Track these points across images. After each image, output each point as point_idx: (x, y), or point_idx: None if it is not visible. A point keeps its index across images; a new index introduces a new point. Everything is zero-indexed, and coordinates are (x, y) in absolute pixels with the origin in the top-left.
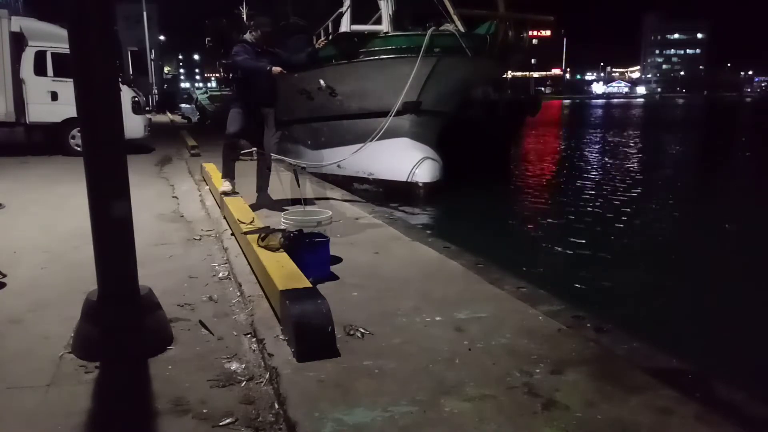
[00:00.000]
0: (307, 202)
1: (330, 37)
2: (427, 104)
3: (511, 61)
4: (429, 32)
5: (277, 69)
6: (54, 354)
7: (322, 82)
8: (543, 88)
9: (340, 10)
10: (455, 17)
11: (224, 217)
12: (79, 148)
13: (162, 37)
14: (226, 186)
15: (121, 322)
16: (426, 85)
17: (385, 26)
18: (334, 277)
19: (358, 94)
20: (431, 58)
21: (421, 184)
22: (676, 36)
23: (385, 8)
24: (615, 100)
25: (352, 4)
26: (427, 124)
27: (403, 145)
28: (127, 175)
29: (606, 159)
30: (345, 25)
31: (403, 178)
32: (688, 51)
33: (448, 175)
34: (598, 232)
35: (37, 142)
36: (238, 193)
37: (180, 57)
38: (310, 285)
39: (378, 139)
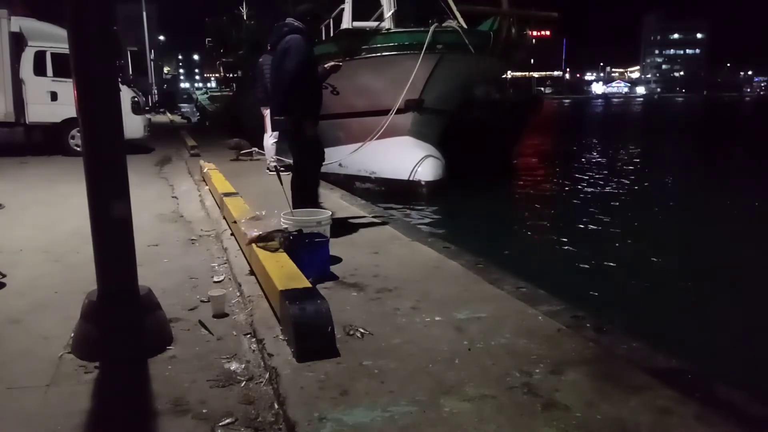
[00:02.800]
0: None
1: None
2: (429, 102)
3: (514, 59)
4: (431, 28)
5: (310, 125)
6: (54, 354)
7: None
8: (543, 89)
9: (342, 7)
10: (457, 13)
11: (224, 217)
12: (79, 148)
13: (162, 37)
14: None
15: (121, 322)
16: (428, 82)
17: (386, 23)
18: (333, 277)
19: (359, 91)
20: (434, 54)
21: (423, 183)
22: (676, 36)
23: (387, 4)
24: (615, 100)
25: (354, 1)
26: (430, 122)
27: (405, 143)
28: (127, 175)
29: (607, 159)
30: (346, 22)
31: (406, 177)
32: (687, 51)
33: (450, 174)
34: (599, 232)
35: (36, 143)
36: None
37: (180, 57)
38: (310, 285)
39: (380, 138)
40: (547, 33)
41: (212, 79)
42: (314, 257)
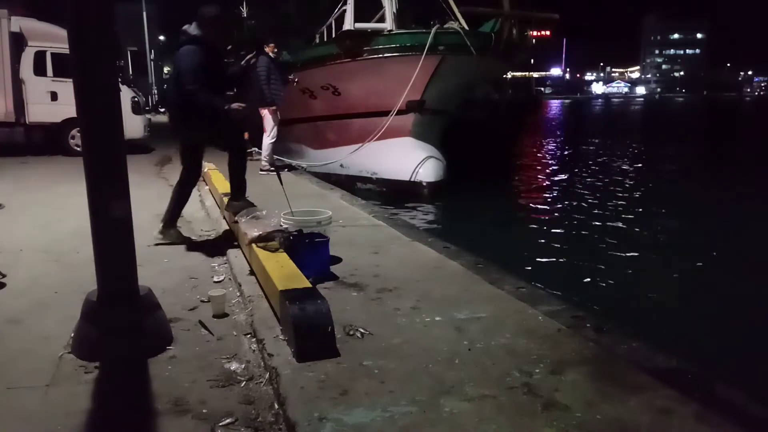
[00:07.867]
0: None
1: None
2: (430, 103)
3: (515, 60)
4: (433, 30)
5: (236, 106)
6: (54, 354)
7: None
8: (543, 89)
9: (344, 8)
10: (459, 15)
11: (224, 217)
12: (79, 148)
13: (162, 37)
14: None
15: (121, 323)
16: (430, 83)
17: (388, 24)
18: (333, 277)
19: (361, 92)
20: (435, 56)
21: (424, 184)
22: (676, 36)
23: (389, 6)
24: (615, 100)
25: (356, 2)
26: (431, 123)
27: (407, 144)
28: (127, 175)
29: (607, 158)
30: (348, 23)
31: (407, 178)
32: (687, 51)
33: (449, 174)
34: (599, 232)
35: (36, 143)
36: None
37: None
38: (310, 285)
39: (381, 138)
40: (548, 33)
41: None
42: (314, 257)
